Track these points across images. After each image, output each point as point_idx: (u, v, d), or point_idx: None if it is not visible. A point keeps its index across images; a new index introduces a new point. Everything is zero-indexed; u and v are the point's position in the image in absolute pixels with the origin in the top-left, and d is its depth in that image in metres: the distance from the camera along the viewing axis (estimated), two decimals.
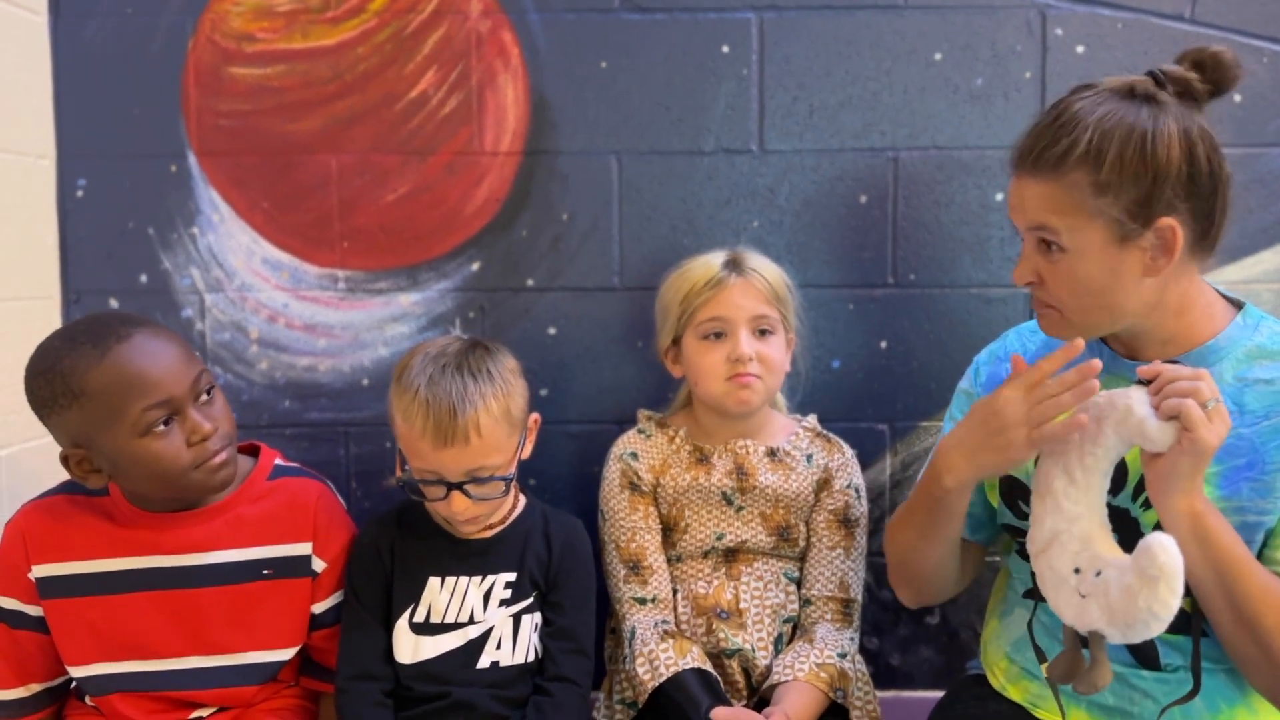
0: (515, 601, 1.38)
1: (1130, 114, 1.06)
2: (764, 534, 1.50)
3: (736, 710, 1.32)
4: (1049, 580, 1.06)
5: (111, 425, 1.20)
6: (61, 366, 1.20)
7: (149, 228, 1.71)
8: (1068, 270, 1.10)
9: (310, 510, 1.37)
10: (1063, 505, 1.05)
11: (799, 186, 1.70)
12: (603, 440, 1.59)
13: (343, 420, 1.73)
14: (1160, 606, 0.94)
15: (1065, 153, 1.06)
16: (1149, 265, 1.08)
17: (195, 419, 1.24)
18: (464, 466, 1.31)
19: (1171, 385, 1.00)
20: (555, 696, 1.36)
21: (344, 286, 1.72)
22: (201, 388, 1.26)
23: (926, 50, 1.67)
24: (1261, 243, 1.66)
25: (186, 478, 1.24)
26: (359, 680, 1.36)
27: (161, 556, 1.31)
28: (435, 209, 1.70)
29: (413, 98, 1.69)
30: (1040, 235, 1.11)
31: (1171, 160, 1.04)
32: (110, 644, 1.32)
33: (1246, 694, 1.13)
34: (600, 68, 1.68)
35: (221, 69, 1.69)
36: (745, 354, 1.43)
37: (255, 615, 1.34)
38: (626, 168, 1.70)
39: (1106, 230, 1.07)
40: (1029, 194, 1.11)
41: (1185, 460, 0.99)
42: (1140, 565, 0.95)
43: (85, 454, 1.23)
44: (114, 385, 1.19)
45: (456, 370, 1.32)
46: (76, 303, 1.72)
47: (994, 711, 1.27)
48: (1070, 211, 1.07)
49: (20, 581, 1.31)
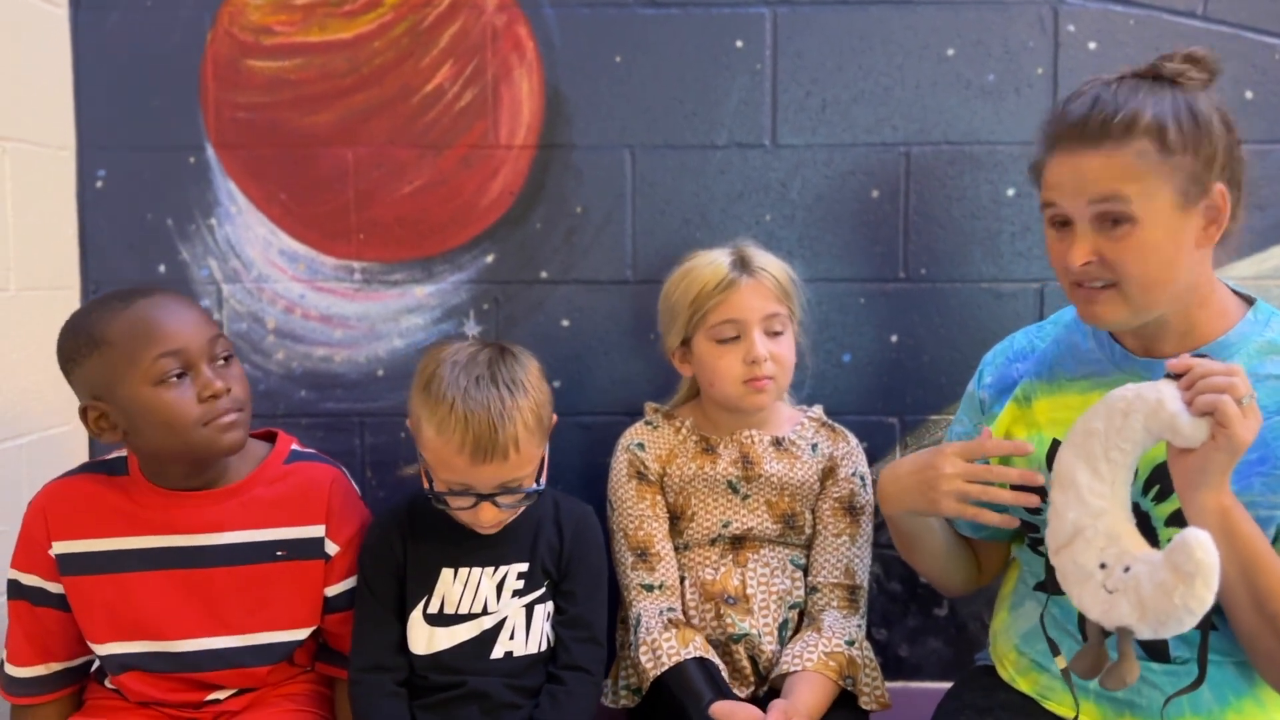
0: (528, 592, 1.39)
1: (1168, 91, 1.10)
2: (770, 522, 1.51)
3: (735, 705, 1.33)
4: (1072, 575, 1.05)
5: (128, 373, 1.25)
6: (88, 320, 1.28)
7: (167, 219, 1.73)
8: (1138, 241, 1.09)
9: (324, 494, 1.39)
10: (1087, 499, 1.03)
11: (811, 181, 1.71)
12: (615, 432, 1.60)
13: (358, 410, 1.75)
14: (1196, 603, 0.94)
15: (1132, 120, 1.08)
16: (1201, 235, 1.10)
17: (207, 375, 1.27)
18: (499, 480, 1.30)
19: (1205, 380, 0.99)
20: (569, 685, 1.37)
21: (360, 278, 1.74)
22: (218, 351, 1.30)
23: (939, 46, 1.68)
24: (1273, 239, 1.67)
25: (195, 432, 1.27)
26: (372, 672, 1.36)
27: (177, 536, 1.34)
28: (450, 202, 1.72)
29: (429, 91, 1.70)
30: (1106, 208, 1.09)
31: (1216, 130, 1.09)
32: (126, 623, 1.34)
33: (1255, 687, 1.14)
34: (615, 62, 1.69)
35: (239, 62, 1.70)
36: (761, 356, 1.44)
37: (268, 596, 1.36)
38: (640, 161, 1.71)
39: (1174, 195, 1.08)
40: (1091, 166, 1.09)
41: (1219, 456, 0.99)
42: (1176, 561, 0.95)
43: (103, 408, 1.27)
44: (132, 333, 1.25)
45: (491, 382, 1.29)
46: (95, 293, 1.73)
47: (1003, 702, 1.27)
48: (1141, 177, 1.08)
49: (42, 558, 1.34)
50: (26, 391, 1.60)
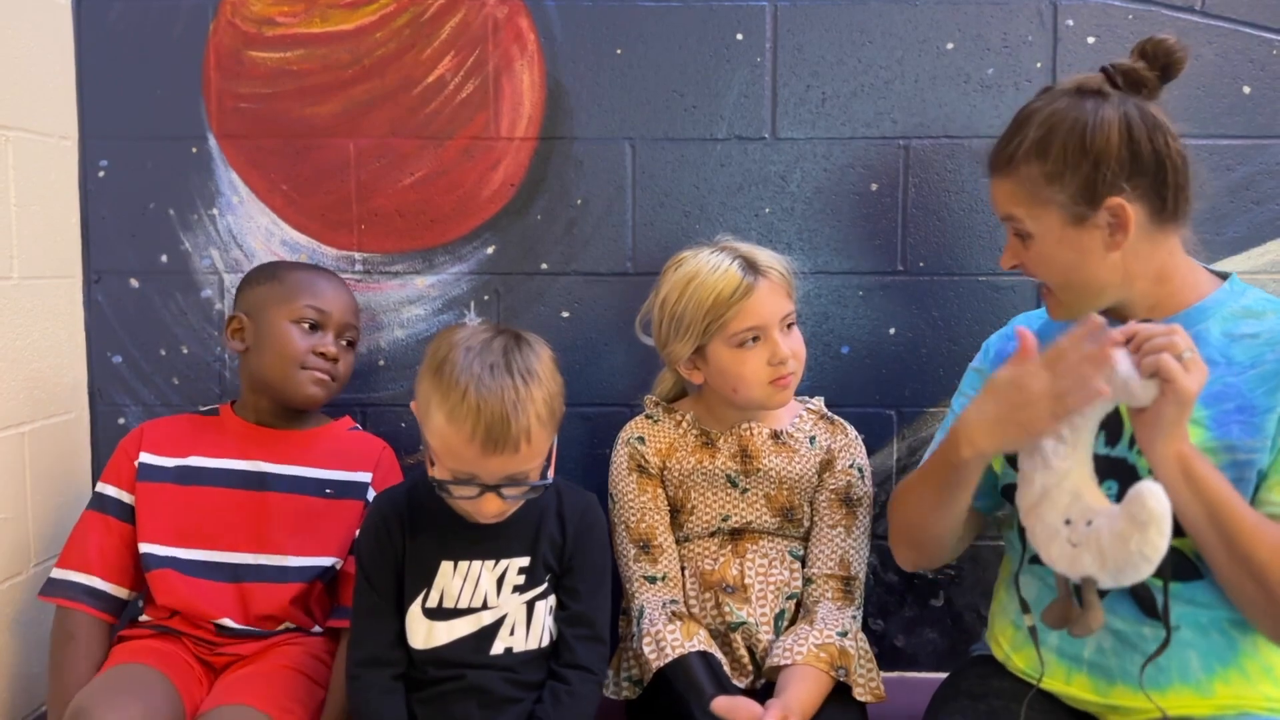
0: (529, 588, 1.36)
1: (1074, 108, 1.18)
2: (768, 515, 1.52)
3: (736, 700, 1.33)
4: (1040, 534, 1.12)
5: (279, 305, 1.53)
6: (280, 264, 1.62)
7: (169, 208, 1.74)
8: (1038, 253, 1.23)
9: (376, 453, 1.60)
10: (1052, 463, 1.10)
11: (811, 174, 1.71)
12: (614, 423, 1.61)
13: (360, 400, 1.76)
14: (1150, 549, 1.00)
15: (1015, 149, 1.20)
16: (1109, 241, 1.18)
17: (329, 340, 1.55)
18: (507, 471, 1.26)
19: (1149, 343, 1.06)
20: (572, 685, 1.34)
21: (361, 269, 1.74)
22: (347, 334, 1.58)
23: (938, 40, 1.68)
24: (1269, 233, 1.68)
25: (293, 369, 1.52)
26: (370, 666, 1.34)
27: (246, 461, 1.55)
28: (451, 193, 1.73)
29: (430, 83, 1.71)
30: (1011, 225, 1.25)
31: (1110, 145, 1.15)
32: (183, 529, 1.51)
33: (1240, 656, 1.17)
34: (616, 54, 1.70)
35: (242, 52, 1.71)
36: (786, 355, 1.45)
37: (310, 527, 1.52)
38: (640, 154, 1.72)
39: (1061, 214, 1.19)
40: (996, 190, 1.25)
41: (1170, 409, 1.05)
42: (1131, 511, 1.01)
43: (245, 322, 1.55)
44: (300, 282, 1.55)
45: (506, 371, 1.24)
46: (97, 282, 1.74)
47: (997, 689, 1.30)
48: (1027, 201, 1.21)
49: (126, 469, 1.54)
50: (30, 379, 1.61)
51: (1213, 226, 1.67)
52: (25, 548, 1.58)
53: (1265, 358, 1.16)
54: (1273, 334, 1.17)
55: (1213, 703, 1.17)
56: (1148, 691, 1.16)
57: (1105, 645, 1.22)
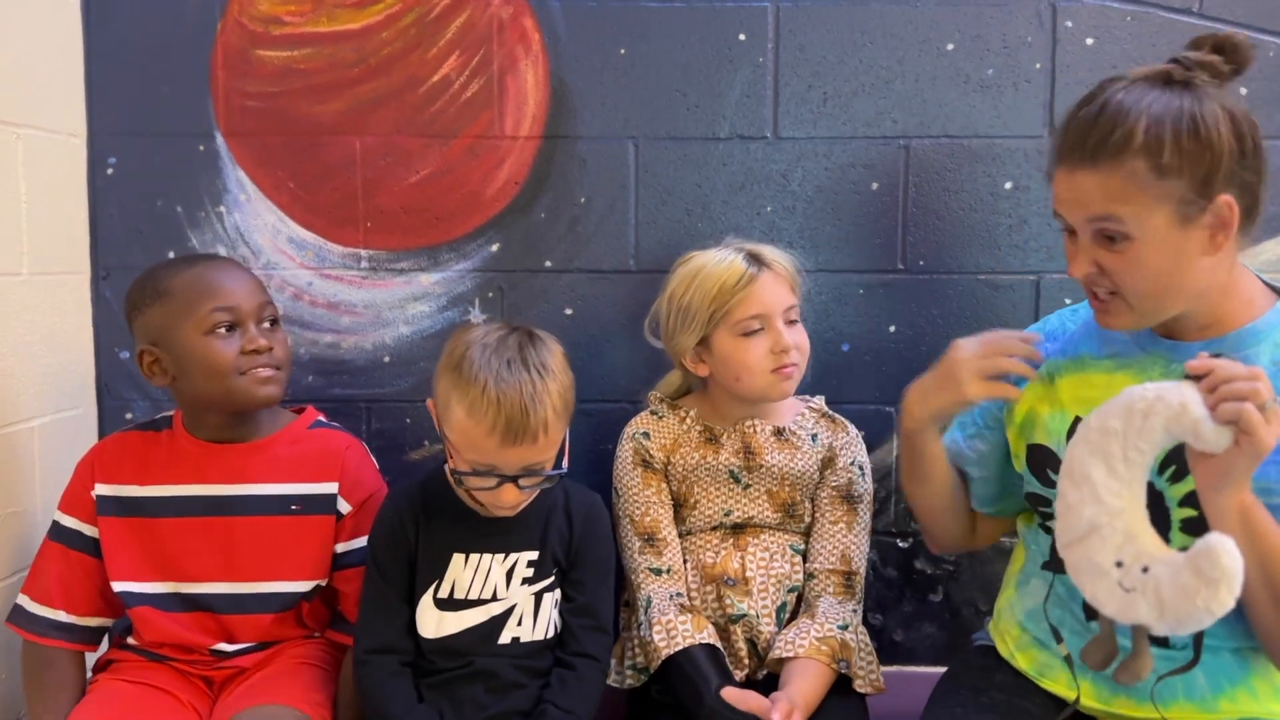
0: (537, 580, 1.40)
1: (1174, 100, 1.08)
2: (770, 511, 1.54)
3: (745, 692, 1.36)
4: (1085, 570, 1.02)
5: (184, 321, 1.40)
6: (156, 273, 1.44)
7: (177, 206, 1.75)
8: (1135, 257, 1.10)
9: (339, 456, 1.50)
10: (1103, 497, 1.01)
11: (812, 173, 1.73)
12: (617, 419, 1.63)
13: (364, 396, 1.77)
14: (1219, 606, 0.93)
15: (1124, 142, 1.07)
16: (1208, 244, 1.09)
17: (253, 333, 1.42)
18: (525, 462, 1.30)
19: (1228, 387, 0.96)
20: (578, 671, 1.39)
21: (367, 266, 1.76)
22: (265, 315, 1.45)
23: (939, 40, 1.70)
24: (1266, 233, 1.68)
25: (233, 380, 1.40)
26: (378, 653, 1.37)
27: (205, 485, 1.46)
28: (456, 191, 1.74)
29: (435, 82, 1.72)
30: (1102, 226, 1.11)
31: (1223, 139, 1.06)
32: (151, 563, 1.45)
33: (1249, 675, 1.16)
34: (619, 54, 1.71)
35: (249, 51, 1.72)
36: (788, 344, 1.47)
37: (281, 547, 1.46)
38: (643, 152, 1.73)
39: (1171, 213, 1.08)
40: (1086, 186, 1.10)
41: (1243, 462, 0.98)
42: (1200, 566, 0.93)
43: (157, 353, 1.42)
44: (192, 287, 1.41)
45: (523, 366, 1.29)
46: (105, 279, 1.76)
47: (999, 682, 1.30)
48: (1134, 199, 1.08)
49: (84, 500, 1.47)
50: (38, 374, 1.63)
51: None
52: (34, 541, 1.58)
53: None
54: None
55: (1216, 718, 1.16)
56: (1158, 705, 1.16)
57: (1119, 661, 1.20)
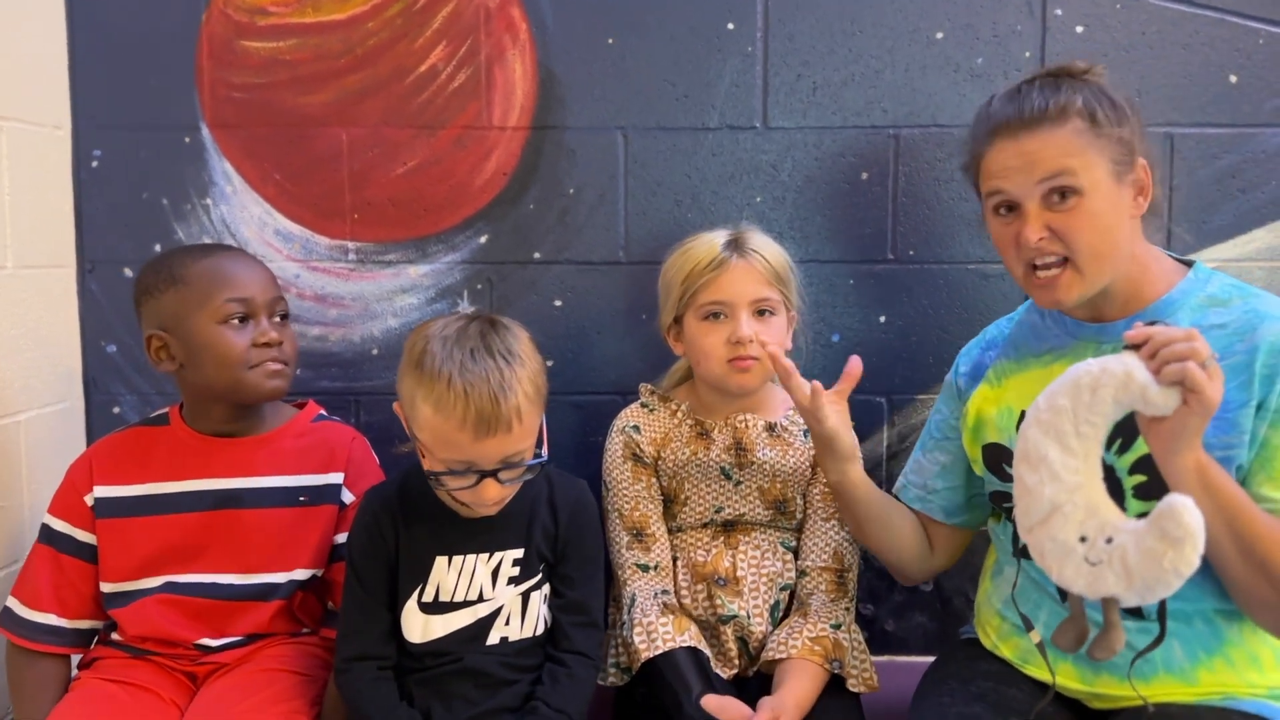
0: (523, 580, 1.36)
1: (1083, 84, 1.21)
2: (761, 507, 1.53)
3: (725, 700, 1.34)
4: (1050, 551, 1.03)
5: (198, 309, 1.40)
6: (171, 259, 1.44)
7: (163, 198, 1.74)
8: (1085, 210, 1.18)
9: (345, 447, 1.52)
10: (1060, 475, 1.02)
11: (802, 163, 1.72)
12: (607, 411, 1.63)
13: (353, 389, 1.77)
14: (1185, 565, 0.94)
15: (1067, 103, 1.19)
16: (1133, 205, 1.20)
17: (265, 326, 1.43)
18: (502, 454, 1.25)
19: (1168, 349, 1.00)
20: (570, 668, 1.36)
21: (354, 258, 1.75)
22: (277, 310, 1.46)
23: (928, 29, 1.69)
24: (1253, 221, 1.69)
25: (242, 372, 1.41)
26: (358, 660, 1.34)
27: (211, 480, 1.45)
28: (444, 182, 1.73)
29: (422, 72, 1.71)
30: (1055, 183, 1.18)
31: (1134, 111, 1.21)
32: (151, 561, 1.43)
33: (1223, 645, 1.18)
34: (607, 43, 1.70)
35: (235, 42, 1.71)
36: (745, 336, 1.44)
37: (289, 539, 1.46)
38: (632, 143, 1.72)
39: (1109, 166, 1.18)
40: (1034, 147, 1.19)
41: (1193, 420, 1.01)
42: (1164, 527, 0.94)
43: (167, 339, 1.42)
44: (209, 276, 1.41)
45: (488, 354, 1.24)
46: (91, 272, 1.75)
47: (984, 671, 1.31)
48: (1082, 152, 1.17)
49: (78, 505, 1.45)
50: (25, 368, 1.62)
51: (1199, 215, 1.68)
52: (21, 536, 1.59)
53: (1235, 349, 1.13)
54: (1240, 323, 1.15)
55: (1197, 690, 1.18)
56: (1134, 683, 1.17)
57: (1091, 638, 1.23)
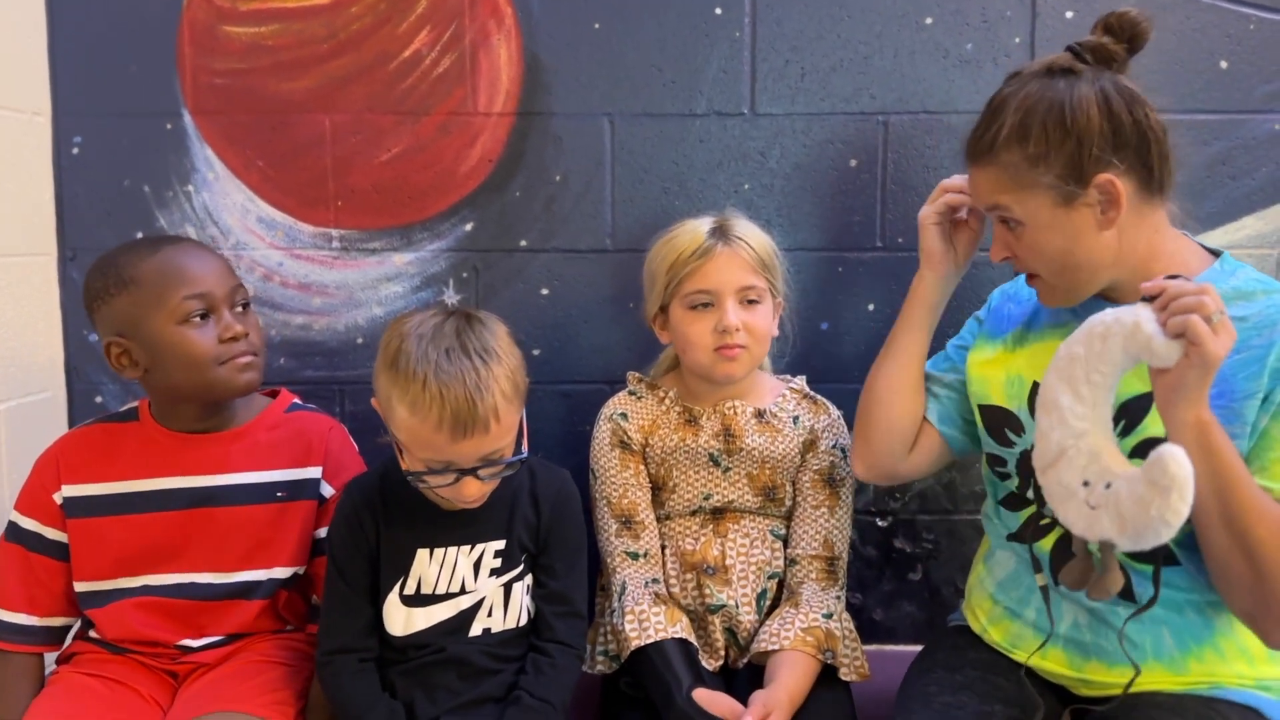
0: (505, 571, 1.36)
1: (1048, 89, 1.17)
2: (750, 494, 1.52)
3: (716, 695, 1.34)
4: (1057, 493, 1.08)
5: (155, 311, 1.33)
6: (118, 260, 1.36)
7: (144, 185, 1.72)
8: (1030, 240, 1.20)
9: (322, 439, 1.47)
10: (1069, 421, 1.06)
11: (790, 150, 1.71)
12: (594, 400, 1.61)
13: (337, 378, 1.75)
14: (1172, 514, 0.97)
15: (995, 136, 1.18)
16: (1101, 220, 1.16)
17: (228, 319, 1.36)
18: (480, 453, 1.24)
19: (1177, 301, 1.01)
20: (553, 658, 1.36)
21: (338, 246, 1.73)
22: (238, 299, 1.39)
23: (917, 15, 1.68)
24: (1245, 208, 1.68)
25: (213, 370, 1.35)
26: (339, 654, 1.34)
27: (184, 477, 1.40)
28: (429, 169, 1.71)
29: (406, 57, 1.69)
30: (998, 215, 1.22)
31: (1091, 121, 1.14)
32: (126, 561, 1.39)
33: (1215, 635, 1.19)
34: (594, 29, 1.69)
35: (216, 27, 1.69)
36: (732, 325, 1.43)
37: (267, 536, 1.42)
38: (619, 130, 1.71)
39: (1049, 197, 1.16)
40: (978, 181, 1.23)
41: (1193, 373, 1.02)
42: (1152, 476, 0.97)
43: (126, 345, 1.35)
44: (161, 274, 1.34)
45: (463, 353, 1.22)
46: (73, 260, 1.73)
47: (972, 659, 1.31)
48: (1012, 188, 1.18)
49: (45, 503, 1.41)
50: (5, 357, 1.60)
51: (1190, 201, 1.65)
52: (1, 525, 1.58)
53: (1251, 342, 1.13)
54: (1261, 318, 1.14)
55: (1185, 679, 1.19)
56: (1126, 649, 1.17)
57: (1081, 621, 1.23)
